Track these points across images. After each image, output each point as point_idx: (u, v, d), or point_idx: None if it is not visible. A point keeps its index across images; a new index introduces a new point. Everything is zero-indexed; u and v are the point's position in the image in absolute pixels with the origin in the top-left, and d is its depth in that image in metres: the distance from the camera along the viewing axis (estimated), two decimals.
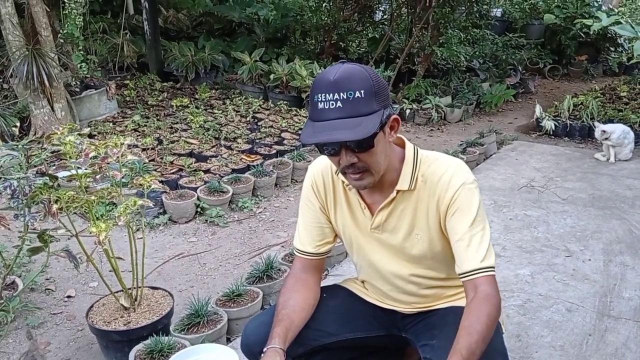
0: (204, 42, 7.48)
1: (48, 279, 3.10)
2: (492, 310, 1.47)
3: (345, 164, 1.51)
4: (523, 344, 2.41)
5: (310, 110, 1.49)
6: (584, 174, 4.59)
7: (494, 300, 1.49)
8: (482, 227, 1.56)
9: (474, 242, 1.54)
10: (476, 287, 1.51)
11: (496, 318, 1.48)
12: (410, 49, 6.99)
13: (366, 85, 1.44)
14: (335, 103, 1.42)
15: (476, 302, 1.49)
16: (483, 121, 6.62)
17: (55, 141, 2.01)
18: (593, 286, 2.87)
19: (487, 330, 1.44)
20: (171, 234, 3.68)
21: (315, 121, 1.46)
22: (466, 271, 1.54)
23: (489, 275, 1.53)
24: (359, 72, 1.45)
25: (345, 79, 1.43)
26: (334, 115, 1.43)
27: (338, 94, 1.42)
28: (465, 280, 1.55)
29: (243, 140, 4.97)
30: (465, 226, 1.55)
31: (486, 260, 1.53)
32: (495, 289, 1.52)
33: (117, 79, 6.67)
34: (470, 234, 1.55)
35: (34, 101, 4.73)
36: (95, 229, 2.13)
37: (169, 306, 2.45)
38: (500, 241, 3.39)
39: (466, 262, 1.54)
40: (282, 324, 1.64)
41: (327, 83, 1.43)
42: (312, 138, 1.45)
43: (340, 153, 1.49)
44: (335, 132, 1.42)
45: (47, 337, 2.61)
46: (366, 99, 1.43)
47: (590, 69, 8.98)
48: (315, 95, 1.45)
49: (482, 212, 1.58)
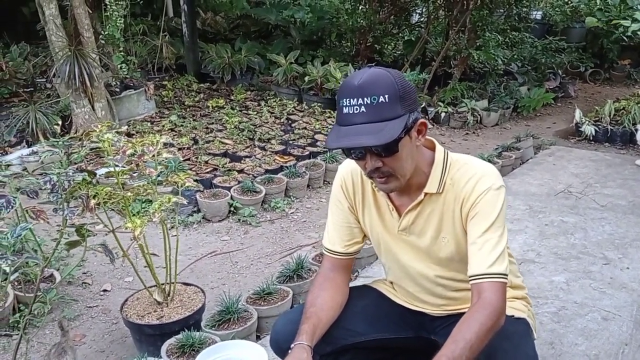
0: (240, 44, 7.57)
1: (85, 273, 3.18)
2: (487, 319, 1.44)
3: (370, 168, 1.52)
4: (556, 352, 2.36)
5: (337, 114, 1.51)
6: (624, 181, 4.47)
7: (492, 309, 1.46)
8: (499, 233, 1.54)
9: (487, 247, 1.53)
10: (480, 292, 1.49)
11: (491, 327, 1.44)
12: (446, 52, 6.93)
13: (391, 90, 1.44)
14: (360, 108, 1.43)
15: (473, 309, 1.47)
16: (520, 125, 6.51)
17: (94, 138, 2.07)
18: (631, 295, 2.80)
19: (477, 339, 1.41)
20: (204, 232, 3.73)
21: (340, 125, 1.47)
22: (473, 275, 1.52)
23: (495, 282, 1.50)
24: (384, 76, 1.46)
25: (370, 84, 1.43)
26: (358, 120, 1.43)
27: (362, 98, 1.43)
28: (472, 283, 1.53)
29: (277, 141, 5.01)
30: (481, 230, 1.54)
31: (495, 267, 1.51)
32: (499, 297, 1.49)
33: (155, 80, 6.80)
34: (484, 238, 1.53)
35: (75, 100, 4.87)
36: (131, 225, 2.18)
37: (200, 302, 2.49)
38: (534, 247, 3.33)
39: (474, 265, 1.53)
40: (310, 321, 1.65)
41: (352, 88, 1.45)
42: (335, 143, 1.47)
43: (366, 157, 1.50)
44: (358, 137, 1.43)
45: (82, 329, 2.69)
46: (390, 104, 1.43)
47: (634, 73, 8.73)
48: (341, 100, 1.47)
49: (502, 219, 1.56)
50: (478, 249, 1.53)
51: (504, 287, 1.51)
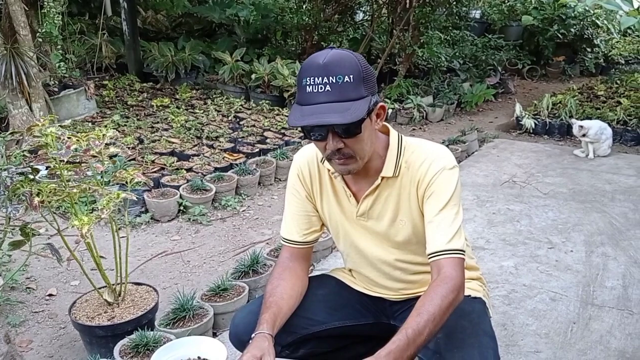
0: (183, 43, 7.43)
1: (29, 277, 3.04)
2: (448, 293, 1.45)
3: (331, 149, 1.50)
4: (509, 332, 2.43)
5: (298, 93, 1.48)
6: (564, 170, 4.65)
7: (453, 283, 1.47)
8: (454, 211, 1.56)
9: (443, 225, 1.54)
10: (439, 268, 1.50)
11: (452, 300, 1.45)
12: (391, 49, 7.03)
13: (355, 70, 1.43)
14: (325, 87, 1.41)
15: (434, 284, 1.48)
16: (464, 120, 6.67)
17: (37, 132, 1.97)
18: (576, 276, 2.91)
19: (440, 312, 1.41)
20: (154, 232, 3.64)
21: (302, 105, 1.44)
22: (432, 252, 1.53)
23: (454, 258, 1.51)
24: (348, 57, 1.45)
25: (335, 63, 1.42)
26: (322, 99, 1.41)
27: (327, 77, 1.41)
28: (431, 261, 1.54)
29: (225, 139, 4.94)
30: (437, 209, 1.55)
31: (452, 243, 1.52)
32: (459, 272, 1.50)
33: (95, 80, 6.58)
34: (440, 216, 1.54)
35: (12, 101, 4.66)
36: (77, 223, 2.09)
37: (153, 301, 2.41)
38: (484, 234, 3.42)
39: (432, 243, 1.54)
40: (270, 310, 1.62)
41: (317, 66, 1.42)
42: (300, 121, 1.43)
43: (327, 138, 1.48)
44: (324, 115, 1.40)
45: (28, 335, 2.56)
46: (355, 84, 1.43)
47: (568, 69, 9.11)
48: (303, 78, 1.44)
49: (456, 198, 1.57)
50: (435, 227, 1.54)
51: (462, 262, 1.53)
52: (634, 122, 5.49)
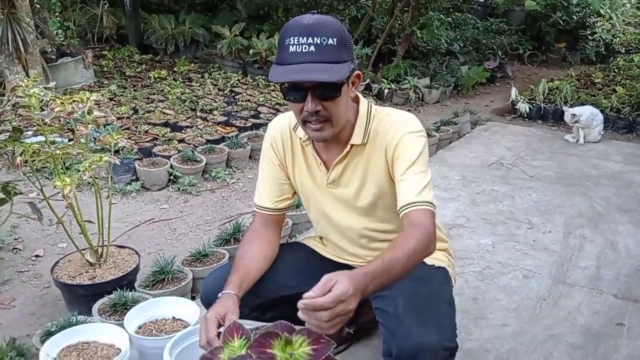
0: (184, 16, 7.42)
1: (17, 239, 3.11)
2: (422, 236, 1.46)
3: (308, 111, 1.51)
4: (479, 306, 2.49)
5: (279, 53, 1.49)
6: (553, 154, 4.69)
7: (425, 229, 1.48)
8: (422, 169, 1.58)
9: (412, 180, 1.56)
10: (410, 219, 1.52)
11: (425, 244, 1.46)
12: (390, 29, 7.01)
13: (338, 34, 1.46)
14: (309, 47, 1.43)
15: (407, 231, 1.49)
16: (460, 103, 6.68)
17: (20, 93, 2.01)
18: (551, 256, 2.97)
19: (413, 252, 1.41)
20: (143, 200, 3.70)
21: (284, 64, 1.46)
22: (402, 206, 1.55)
23: (424, 209, 1.52)
24: (332, 21, 1.48)
25: (320, 25, 1.45)
26: (305, 59, 1.43)
27: (312, 38, 1.43)
28: (401, 215, 1.55)
29: (219, 112, 4.98)
30: (405, 167, 1.58)
31: (422, 195, 1.53)
32: (429, 221, 1.51)
33: (95, 50, 6.60)
34: (408, 173, 1.57)
35: (8, 66, 4.68)
36: (59, 183, 2.15)
37: (134, 263, 2.48)
38: (465, 213, 3.47)
39: (402, 198, 1.56)
40: (238, 272, 1.67)
41: (301, 27, 1.44)
42: (283, 77, 1.46)
43: (305, 100, 1.50)
44: (307, 73, 1.43)
45: (12, 293, 2.64)
46: (338, 48, 1.46)
47: (569, 56, 9.08)
48: (287, 38, 1.46)
49: (424, 159, 1.60)
50: (404, 184, 1.57)
51: (433, 214, 1.54)
52: (627, 110, 5.51)
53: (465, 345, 2.20)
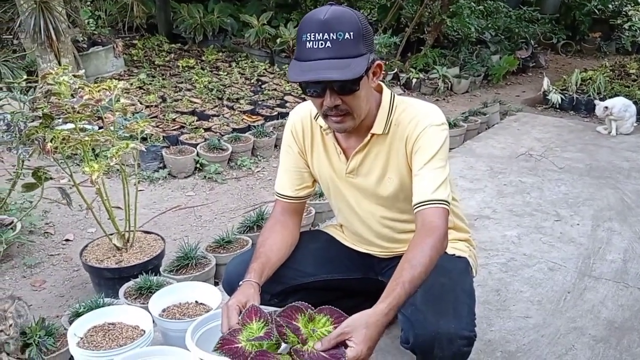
0: (213, 5, 7.45)
1: (48, 223, 3.20)
2: (436, 242, 1.48)
3: (328, 106, 1.52)
4: (501, 298, 2.47)
5: (297, 49, 1.49)
6: (584, 145, 4.59)
7: (439, 233, 1.50)
8: (441, 165, 1.58)
9: (428, 177, 1.56)
10: (424, 218, 1.53)
11: (440, 249, 1.49)
12: (420, 18, 6.93)
13: (355, 27, 1.45)
14: (325, 43, 1.42)
15: (421, 234, 1.51)
16: (490, 93, 6.59)
17: (50, 80, 2.06)
18: (578, 248, 2.92)
19: (430, 263, 1.45)
20: (170, 187, 3.76)
21: (302, 60, 1.46)
22: (417, 203, 1.55)
23: (438, 208, 1.53)
24: (349, 14, 1.46)
25: (336, 20, 1.43)
26: (322, 55, 1.43)
27: (328, 34, 1.42)
28: (416, 211, 1.56)
29: (246, 101, 5.01)
30: (423, 162, 1.58)
31: (437, 193, 1.54)
32: (443, 221, 1.52)
33: (126, 39, 6.70)
34: (426, 168, 1.57)
35: (41, 55, 4.78)
36: (88, 169, 2.20)
37: (160, 249, 2.53)
38: (491, 205, 3.44)
39: (417, 194, 1.56)
40: (259, 260, 1.69)
41: (317, 22, 1.43)
42: (299, 76, 1.46)
43: (325, 94, 1.50)
44: (324, 71, 1.42)
45: (43, 275, 2.72)
46: (355, 41, 1.44)
47: (603, 46, 8.85)
48: (304, 34, 1.45)
49: (443, 153, 1.59)
50: (420, 179, 1.57)
51: (447, 212, 1.55)
52: None
53: (486, 336, 2.19)
